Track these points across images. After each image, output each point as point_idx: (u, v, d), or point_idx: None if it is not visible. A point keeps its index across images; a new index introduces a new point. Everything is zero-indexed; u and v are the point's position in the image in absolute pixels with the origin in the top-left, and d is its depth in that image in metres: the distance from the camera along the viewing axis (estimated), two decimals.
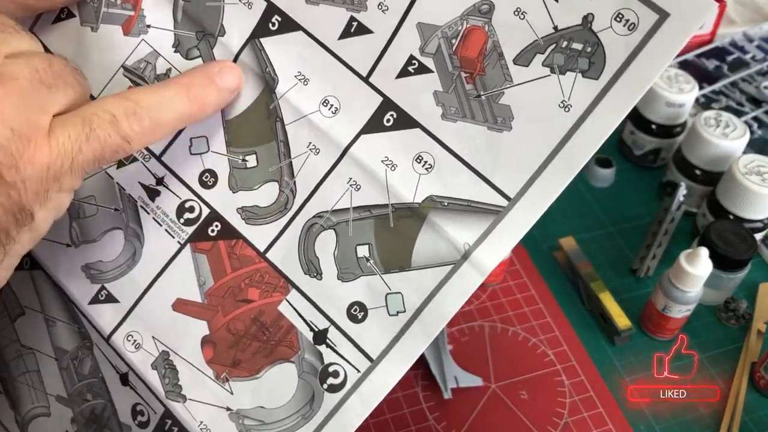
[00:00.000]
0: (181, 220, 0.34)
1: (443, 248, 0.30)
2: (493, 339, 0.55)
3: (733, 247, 0.54)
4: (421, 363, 0.53)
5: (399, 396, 0.51)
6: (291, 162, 0.33)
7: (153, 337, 0.34)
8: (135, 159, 0.35)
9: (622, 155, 0.71)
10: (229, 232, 0.34)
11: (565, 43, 0.29)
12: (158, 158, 0.35)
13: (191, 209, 0.34)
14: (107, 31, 0.36)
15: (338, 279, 0.32)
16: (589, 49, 0.28)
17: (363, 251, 0.32)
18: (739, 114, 0.72)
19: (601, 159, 0.68)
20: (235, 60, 0.34)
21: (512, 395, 0.52)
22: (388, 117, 0.31)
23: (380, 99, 0.32)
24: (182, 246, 0.34)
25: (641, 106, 0.66)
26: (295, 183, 0.33)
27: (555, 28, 0.29)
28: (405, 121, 0.31)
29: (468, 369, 0.52)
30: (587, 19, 0.28)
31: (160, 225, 0.35)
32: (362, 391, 0.31)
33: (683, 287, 0.52)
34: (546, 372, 0.53)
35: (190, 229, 0.34)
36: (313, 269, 0.32)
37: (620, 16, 0.28)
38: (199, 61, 0.34)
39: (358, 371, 0.31)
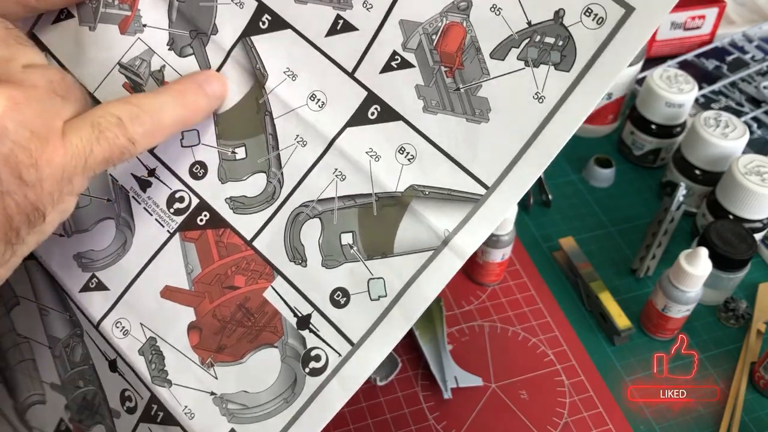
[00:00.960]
0: (171, 210, 0.35)
1: (424, 235, 0.32)
2: (493, 339, 0.55)
3: (732, 247, 0.54)
4: (421, 363, 0.53)
5: (399, 396, 0.51)
6: (279, 154, 0.34)
7: (141, 324, 0.35)
8: None
9: (622, 155, 0.71)
10: (217, 221, 0.35)
11: (539, 38, 0.30)
12: (150, 150, 0.36)
13: (181, 199, 0.35)
14: (104, 30, 0.37)
15: (322, 266, 0.33)
16: (560, 43, 0.30)
17: (347, 239, 0.33)
18: (738, 114, 0.72)
19: (601, 159, 0.68)
20: (226, 57, 0.35)
21: (512, 395, 0.52)
22: (372, 110, 0.33)
23: (365, 93, 0.33)
24: (171, 235, 0.35)
25: (641, 106, 0.66)
26: (282, 174, 0.34)
27: (529, 23, 0.30)
28: (388, 114, 0.33)
29: (468, 369, 0.52)
30: (559, 14, 0.30)
31: (151, 215, 0.36)
32: (343, 375, 0.32)
33: (683, 287, 0.52)
34: (546, 372, 0.53)
35: (180, 219, 0.35)
36: (298, 256, 0.33)
37: (589, 11, 0.29)
38: (192, 59, 0.36)
39: (339, 355, 0.32)
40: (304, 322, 0.33)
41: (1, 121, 0.26)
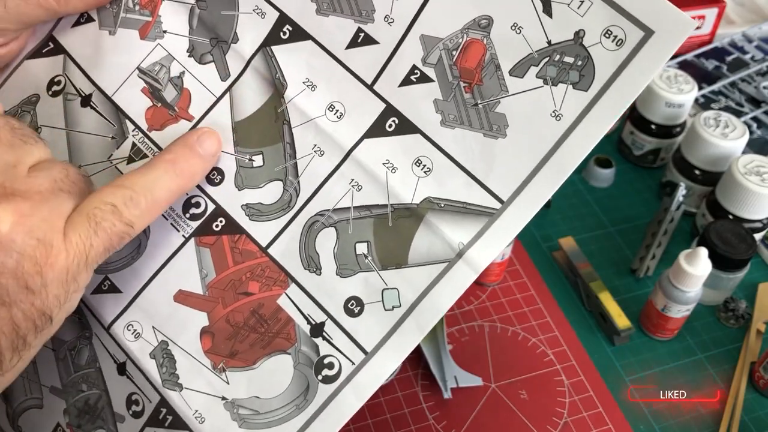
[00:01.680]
0: (187, 215, 0.35)
1: (439, 247, 0.32)
2: (492, 339, 0.55)
3: (732, 247, 0.54)
4: (421, 363, 0.53)
5: (399, 396, 0.51)
6: (296, 162, 0.34)
7: (153, 327, 0.35)
8: (145, 156, 0.36)
9: (622, 155, 0.71)
10: (233, 227, 0.35)
11: (558, 57, 0.31)
12: None
13: (197, 205, 0.35)
14: (124, 35, 0.37)
15: (337, 275, 0.33)
16: (579, 63, 0.30)
17: (362, 248, 0.33)
18: (738, 114, 0.72)
19: (600, 159, 0.68)
20: (246, 66, 0.35)
21: (512, 395, 0.52)
22: (390, 122, 0.33)
23: (383, 105, 0.33)
24: (187, 239, 0.35)
25: (641, 107, 0.67)
26: (299, 182, 0.34)
27: (549, 42, 0.31)
28: (406, 127, 0.33)
29: (468, 369, 0.52)
30: (579, 35, 0.30)
31: (166, 219, 0.36)
32: (356, 383, 0.32)
33: (683, 287, 0.52)
34: (546, 372, 0.53)
35: (195, 224, 0.35)
36: (312, 265, 0.33)
37: (609, 32, 0.30)
38: (212, 66, 0.36)
39: (353, 363, 0.32)
40: (317, 329, 0.33)
41: (9, 235, 0.27)
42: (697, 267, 0.51)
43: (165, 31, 0.37)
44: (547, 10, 0.31)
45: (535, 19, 0.31)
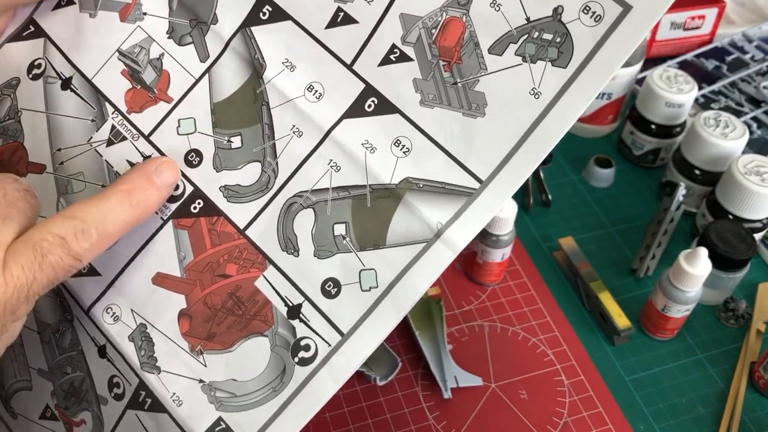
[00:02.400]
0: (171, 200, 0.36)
1: (417, 227, 0.32)
2: (492, 339, 0.55)
3: (732, 247, 0.54)
4: (421, 363, 0.53)
5: (399, 395, 0.51)
6: (274, 143, 0.34)
7: (131, 310, 0.35)
8: (125, 138, 0.37)
9: (622, 155, 0.71)
10: (210, 209, 0.35)
11: (537, 34, 0.31)
12: (146, 138, 0.36)
13: (176, 187, 0.35)
14: (105, 17, 0.38)
15: (314, 256, 0.33)
16: (558, 40, 0.30)
17: (340, 229, 0.33)
18: (738, 114, 0.72)
19: (600, 159, 0.68)
20: (225, 47, 0.36)
21: (512, 395, 0.52)
22: (369, 103, 0.33)
23: (363, 85, 0.33)
24: (165, 222, 0.35)
25: (641, 107, 0.67)
26: (277, 163, 0.34)
27: (527, 19, 0.31)
28: (385, 107, 0.33)
29: (468, 369, 0.52)
30: (557, 11, 0.30)
31: None
32: (332, 365, 0.32)
33: (683, 287, 0.52)
34: (546, 372, 0.53)
35: (173, 206, 0.35)
36: (290, 246, 0.34)
37: (587, 8, 0.30)
38: (191, 48, 0.36)
39: (329, 345, 0.32)
40: (294, 311, 0.33)
41: None
42: (697, 267, 0.51)
43: (145, 13, 0.37)
44: None
45: None
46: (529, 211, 0.65)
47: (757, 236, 0.60)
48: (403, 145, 0.32)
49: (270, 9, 0.35)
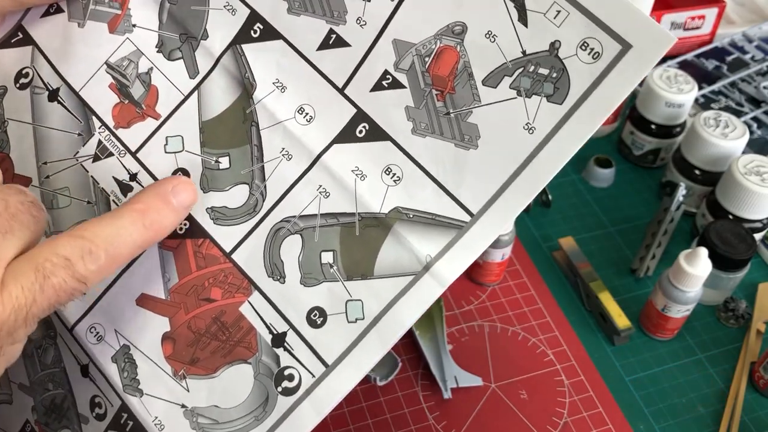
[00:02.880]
0: None
1: (406, 259, 0.31)
2: (492, 339, 0.55)
3: (732, 247, 0.54)
4: (421, 363, 0.53)
5: (399, 395, 0.51)
6: (263, 166, 0.34)
7: (115, 331, 0.35)
8: (111, 154, 0.36)
9: (622, 155, 0.71)
10: (196, 231, 0.34)
11: (532, 68, 0.30)
12: (133, 155, 0.36)
13: None
14: (93, 28, 0.37)
15: (301, 283, 0.32)
16: (554, 75, 0.29)
17: (327, 257, 0.32)
18: (738, 114, 0.72)
19: (600, 159, 0.68)
20: (215, 63, 0.35)
21: (512, 395, 0.52)
22: (360, 128, 0.33)
23: (354, 110, 0.33)
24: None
25: (641, 107, 0.66)
26: (265, 186, 0.33)
27: (523, 52, 0.30)
28: (376, 134, 0.32)
29: (468, 369, 0.52)
30: (554, 46, 0.29)
31: None
32: (315, 396, 0.31)
33: (683, 287, 0.52)
34: (546, 372, 0.53)
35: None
36: (276, 272, 0.33)
37: (585, 44, 0.29)
38: (181, 63, 0.35)
39: (313, 376, 0.32)
40: (279, 340, 0.32)
41: None
42: (697, 267, 0.51)
43: (134, 25, 0.36)
44: (523, 19, 0.30)
45: (510, 27, 0.30)
46: (529, 211, 0.65)
47: (757, 236, 0.60)
48: (394, 174, 0.32)
49: (261, 27, 0.34)
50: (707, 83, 0.76)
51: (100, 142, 0.36)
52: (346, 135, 0.33)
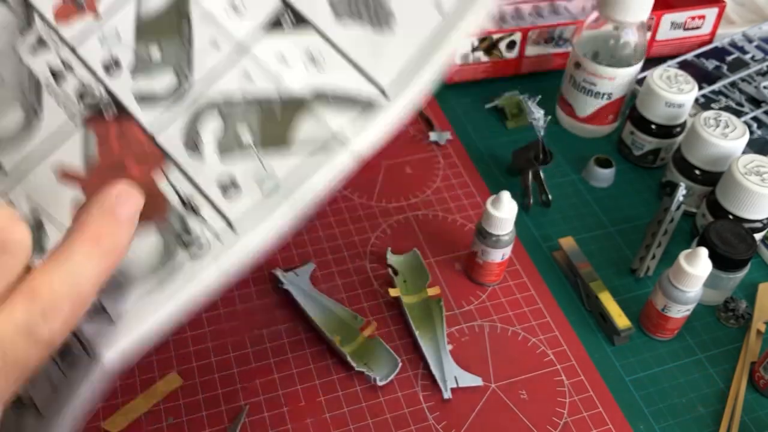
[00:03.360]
0: (81, 103, 0.37)
1: (322, 135, 0.34)
2: (492, 339, 0.55)
3: (732, 247, 0.54)
4: (421, 363, 0.53)
5: (399, 396, 0.51)
6: (191, 56, 0.36)
7: (27, 196, 0.36)
8: (47, 46, 0.38)
9: (622, 155, 0.71)
10: (123, 114, 0.36)
11: None
12: (70, 48, 0.37)
13: (92, 94, 0.37)
14: None
15: (218, 159, 0.34)
16: None
17: (247, 138, 0.35)
18: (738, 114, 0.72)
19: (600, 159, 0.68)
20: None
21: (512, 395, 0.52)
22: (285, 17, 0.35)
23: (279, 1, 0.35)
24: (76, 125, 0.36)
25: (641, 107, 0.67)
26: (193, 75, 0.36)
27: None
28: (300, 21, 0.35)
29: (468, 369, 0.52)
30: None
31: (60, 107, 0.37)
32: (222, 261, 0.33)
33: (683, 287, 0.52)
34: (546, 372, 0.53)
35: (87, 112, 0.37)
36: (195, 149, 0.35)
37: None
38: None
39: (221, 243, 0.33)
40: (189, 206, 0.34)
41: None
42: (697, 267, 0.51)
43: None
44: None
45: None
46: (529, 211, 0.65)
47: (757, 236, 0.60)
48: (316, 59, 0.34)
49: None
50: (707, 83, 0.76)
51: (39, 36, 0.38)
52: (272, 24, 0.35)
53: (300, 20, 0.35)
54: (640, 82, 0.73)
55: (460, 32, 0.32)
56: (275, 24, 0.35)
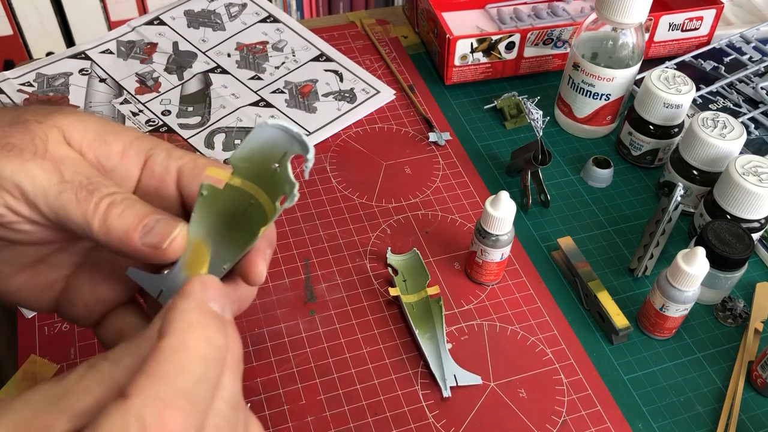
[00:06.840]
0: (146, 126, 0.70)
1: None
2: (492, 338, 0.55)
3: (730, 247, 0.54)
4: (421, 362, 0.53)
5: (399, 394, 0.51)
6: (210, 110, 0.71)
7: None
8: (129, 102, 0.67)
9: (620, 156, 0.71)
10: (171, 131, 0.69)
11: None
12: (140, 102, 0.60)
13: (154, 122, 0.70)
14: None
15: (224, 149, 0.68)
16: None
17: (238, 143, 0.50)
18: (736, 115, 0.73)
19: (599, 159, 0.68)
20: (193, 76, 0.60)
21: (511, 394, 0.52)
22: (261, 102, 0.72)
23: (257, 97, 0.64)
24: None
25: (639, 107, 0.67)
26: (210, 115, 0.70)
27: None
28: (268, 106, 0.73)
29: (467, 367, 0.53)
30: None
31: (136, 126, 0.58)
32: None
33: (681, 287, 0.52)
34: (544, 370, 0.53)
35: (149, 129, 0.69)
36: (212, 149, 0.67)
37: None
38: (175, 77, 0.70)
39: None
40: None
41: None
42: (694, 266, 0.51)
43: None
44: None
45: None
46: (527, 211, 0.65)
47: (755, 236, 0.60)
48: (275, 117, 0.48)
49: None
50: (705, 84, 0.77)
51: (125, 98, 0.73)
52: (253, 104, 0.72)
53: (268, 105, 0.71)
54: (638, 83, 0.73)
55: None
56: (255, 103, 0.72)
